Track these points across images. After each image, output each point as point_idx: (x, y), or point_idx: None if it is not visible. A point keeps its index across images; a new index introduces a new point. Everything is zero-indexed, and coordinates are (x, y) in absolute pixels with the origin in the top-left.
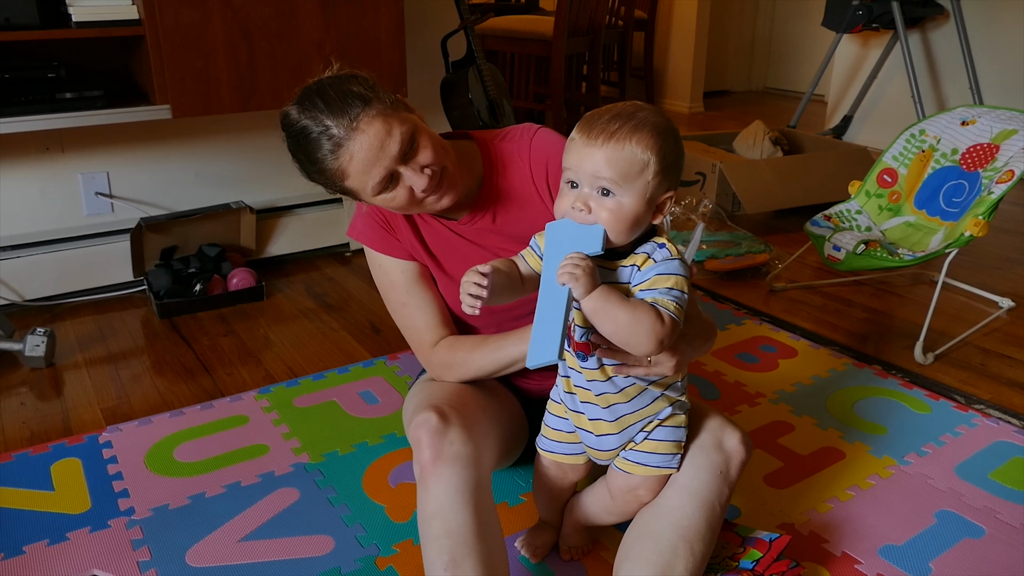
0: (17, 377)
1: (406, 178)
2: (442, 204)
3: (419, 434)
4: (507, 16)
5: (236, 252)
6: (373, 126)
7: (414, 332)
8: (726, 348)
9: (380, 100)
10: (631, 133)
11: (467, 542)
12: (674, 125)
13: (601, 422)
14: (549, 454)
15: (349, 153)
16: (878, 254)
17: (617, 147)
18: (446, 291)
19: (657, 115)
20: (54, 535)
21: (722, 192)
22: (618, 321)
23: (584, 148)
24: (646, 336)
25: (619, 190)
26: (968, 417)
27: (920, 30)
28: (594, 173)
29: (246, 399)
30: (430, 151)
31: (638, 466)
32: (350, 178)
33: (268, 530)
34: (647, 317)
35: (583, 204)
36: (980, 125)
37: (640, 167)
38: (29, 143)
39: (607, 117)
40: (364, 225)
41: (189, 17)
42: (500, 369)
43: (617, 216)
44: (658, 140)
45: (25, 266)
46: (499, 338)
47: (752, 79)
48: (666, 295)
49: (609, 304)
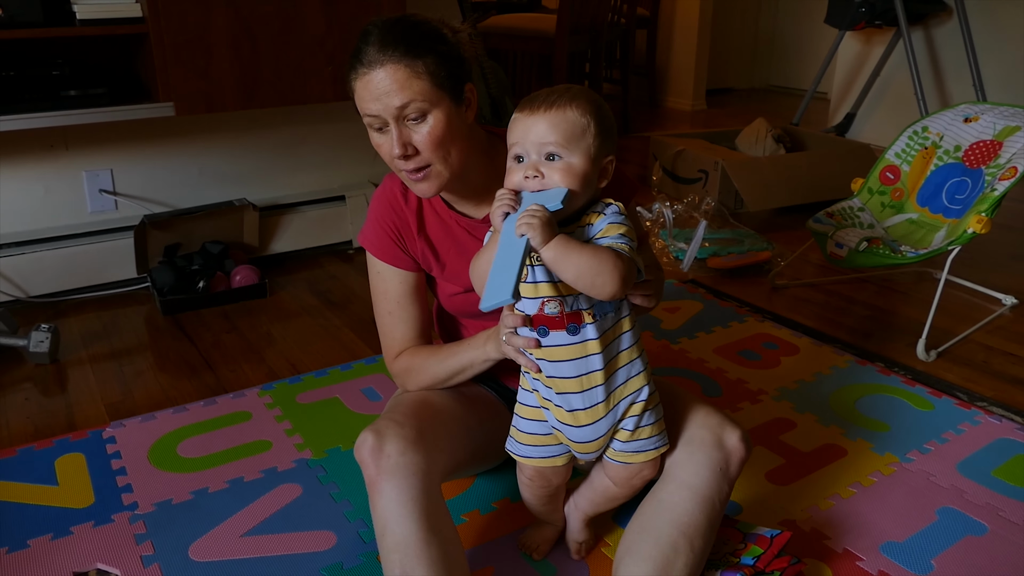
0: (21, 373)
1: (392, 135)
2: (419, 188)
3: (360, 455)
4: (509, 14)
5: (239, 249)
6: (393, 73)
7: (389, 340)
8: (728, 345)
9: (426, 62)
10: (569, 101)
11: (416, 551)
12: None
13: (579, 412)
14: (526, 460)
15: (365, 77)
16: (881, 251)
17: (559, 113)
18: (444, 292)
19: (586, 90)
20: (58, 529)
21: (724, 190)
22: (580, 264)
23: (527, 119)
24: (610, 274)
25: (565, 152)
26: (971, 414)
27: (923, 27)
28: (540, 140)
29: (249, 395)
30: (426, 139)
31: (635, 454)
32: (355, 93)
33: (271, 525)
34: (608, 255)
35: (534, 171)
36: (983, 122)
37: (582, 128)
38: (33, 140)
39: (544, 93)
40: (373, 234)
41: (192, 15)
42: (454, 374)
43: (569, 175)
44: (593, 106)
45: (29, 263)
46: (453, 345)
47: (755, 76)
48: (620, 239)
49: (569, 249)
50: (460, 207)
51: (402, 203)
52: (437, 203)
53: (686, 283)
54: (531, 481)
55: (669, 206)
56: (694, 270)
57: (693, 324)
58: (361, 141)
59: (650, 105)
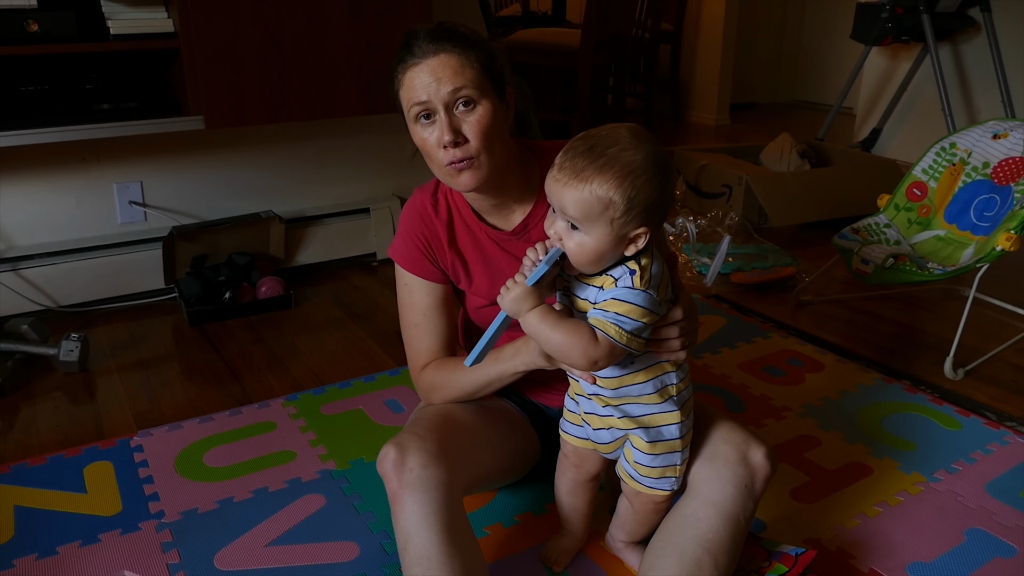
0: (52, 381)
1: (439, 122)
2: (461, 180)
3: (382, 469)
4: (534, 28)
5: (265, 261)
6: (447, 60)
7: (415, 352)
8: (752, 361)
9: (477, 55)
10: (595, 174)
11: (438, 564)
12: (657, 158)
13: (594, 416)
14: (570, 437)
15: (416, 66)
16: (907, 268)
17: (579, 188)
18: (472, 304)
19: (634, 149)
20: (86, 536)
21: (749, 205)
22: (551, 340)
23: (553, 184)
24: (579, 356)
25: (583, 227)
26: (999, 434)
27: (951, 43)
28: (562, 209)
29: (274, 406)
30: (474, 127)
31: (631, 479)
32: (402, 86)
33: (295, 535)
34: (583, 337)
35: (557, 235)
36: (1012, 139)
37: (601, 208)
38: (66, 153)
39: (580, 150)
40: (403, 246)
41: (223, 31)
42: (482, 387)
43: (580, 251)
44: (624, 181)
45: (60, 273)
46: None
47: (779, 91)
48: (612, 319)
49: (543, 324)
50: (491, 219)
51: (432, 215)
52: (467, 215)
53: (709, 298)
54: (566, 458)
55: (692, 221)
56: (718, 285)
57: (717, 339)
58: (386, 155)
59: (674, 119)
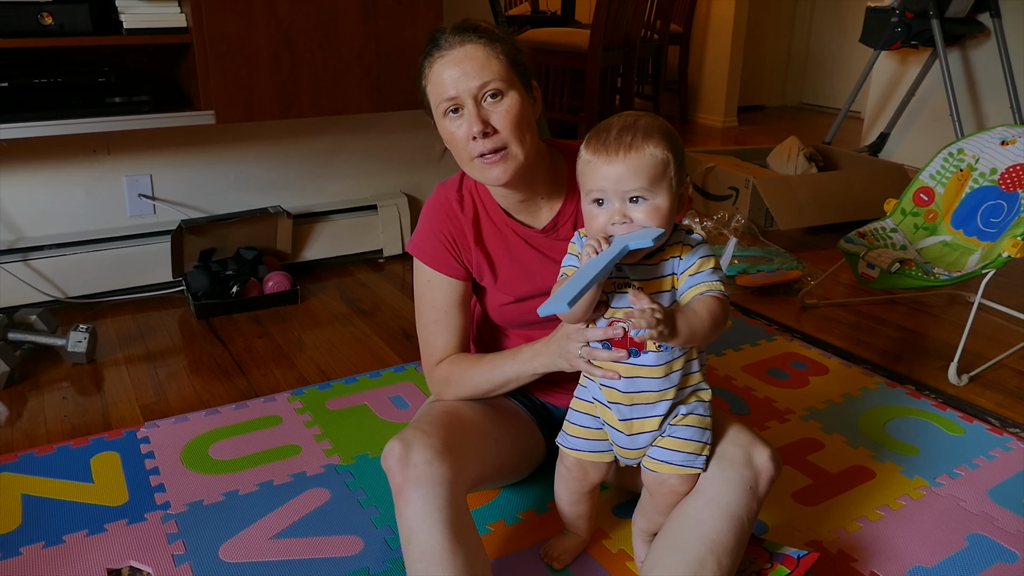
0: (60, 372)
1: (467, 114)
2: (493, 174)
3: (387, 464)
4: (543, 28)
5: (272, 256)
6: (474, 52)
7: (431, 348)
8: (757, 364)
9: (503, 47)
10: (645, 140)
11: (440, 560)
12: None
13: (631, 421)
14: (573, 452)
15: (444, 59)
16: (913, 273)
17: (638, 156)
18: (494, 302)
19: (653, 118)
20: (93, 526)
21: (755, 207)
22: (704, 334)
23: (606, 166)
24: (719, 328)
25: (650, 194)
26: (1003, 440)
27: (960, 48)
28: (623, 188)
29: (279, 400)
30: (503, 118)
31: (662, 464)
32: (428, 81)
33: (299, 529)
34: (716, 313)
35: (622, 217)
36: (1020, 145)
37: (663, 167)
38: (77, 145)
39: (616, 131)
40: (426, 242)
41: (235, 26)
42: (497, 387)
43: (656, 216)
44: (668, 139)
45: (69, 264)
46: (497, 357)
47: (787, 94)
48: (712, 276)
49: (693, 329)
50: (518, 215)
51: (458, 211)
52: (495, 212)
53: None
54: (568, 471)
55: (699, 222)
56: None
57: (721, 341)
58: (394, 152)
59: (681, 121)
